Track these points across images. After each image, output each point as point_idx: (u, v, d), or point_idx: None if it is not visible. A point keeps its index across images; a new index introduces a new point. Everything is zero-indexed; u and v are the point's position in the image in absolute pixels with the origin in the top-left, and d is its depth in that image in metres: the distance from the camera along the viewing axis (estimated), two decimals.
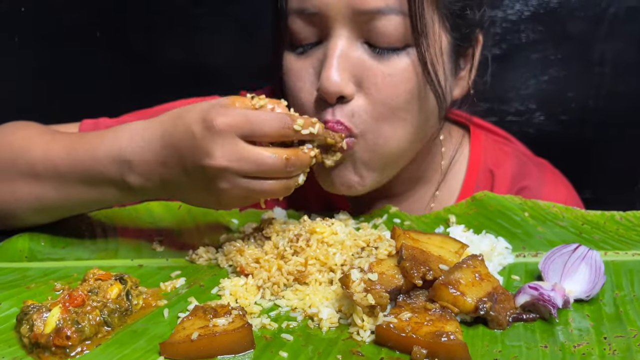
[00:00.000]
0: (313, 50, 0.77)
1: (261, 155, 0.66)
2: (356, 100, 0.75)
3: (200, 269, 0.75)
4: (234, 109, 0.66)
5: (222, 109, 0.66)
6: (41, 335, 0.57)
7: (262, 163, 0.66)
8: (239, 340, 0.57)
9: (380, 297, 0.59)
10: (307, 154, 0.69)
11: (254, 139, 0.66)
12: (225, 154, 0.65)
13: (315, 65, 0.77)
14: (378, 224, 0.84)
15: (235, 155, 0.65)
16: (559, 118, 1.37)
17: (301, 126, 0.68)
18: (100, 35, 1.31)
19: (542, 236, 0.78)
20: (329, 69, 0.73)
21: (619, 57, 1.31)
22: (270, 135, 0.67)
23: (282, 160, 0.67)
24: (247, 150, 0.66)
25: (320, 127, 0.71)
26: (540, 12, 1.30)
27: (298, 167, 0.69)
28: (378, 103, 0.74)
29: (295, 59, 0.79)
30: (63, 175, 0.75)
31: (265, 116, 0.67)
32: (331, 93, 0.73)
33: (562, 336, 0.58)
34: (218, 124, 0.65)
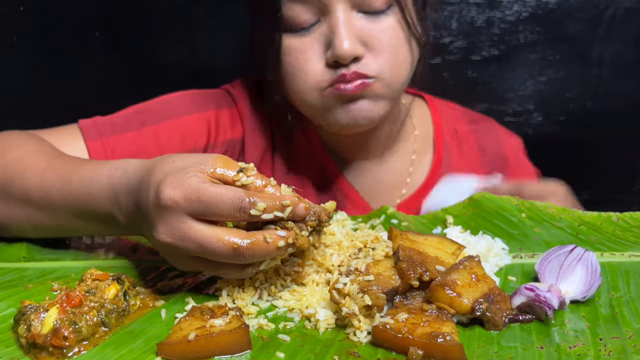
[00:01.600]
0: (314, 28, 0.88)
1: (204, 238, 0.59)
2: (366, 57, 0.87)
3: None
4: (189, 181, 0.60)
5: (179, 180, 0.60)
6: (38, 336, 0.57)
7: (204, 246, 0.59)
8: (236, 340, 0.57)
9: (377, 298, 0.60)
10: (271, 244, 0.60)
11: (205, 218, 0.60)
12: (167, 231, 0.61)
13: (319, 39, 0.88)
14: (376, 224, 0.84)
15: (177, 234, 0.60)
16: (557, 119, 1.37)
17: (261, 210, 0.60)
18: (99, 34, 1.31)
19: (538, 237, 0.78)
20: (340, 37, 0.84)
21: (616, 58, 1.31)
22: (222, 216, 0.60)
23: (229, 248, 0.59)
24: (192, 230, 0.60)
25: (303, 210, 0.62)
26: (538, 13, 1.30)
27: (252, 257, 0.60)
28: (384, 53, 0.88)
29: (297, 38, 0.89)
30: (57, 206, 0.75)
31: (220, 196, 0.59)
32: (347, 56, 0.84)
33: (558, 337, 0.58)
34: (164, 198, 0.59)
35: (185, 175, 0.60)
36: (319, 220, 0.64)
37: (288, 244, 0.62)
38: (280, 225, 0.62)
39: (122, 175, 0.69)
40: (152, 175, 0.63)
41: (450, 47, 1.34)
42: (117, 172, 0.70)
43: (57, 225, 0.78)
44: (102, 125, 0.95)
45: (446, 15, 1.32)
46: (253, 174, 0.63)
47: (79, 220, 0.75)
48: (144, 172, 0.66)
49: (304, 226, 0.63)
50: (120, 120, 0.97)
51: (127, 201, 0.68)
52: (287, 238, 0.61)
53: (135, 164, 0.69)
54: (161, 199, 0.60)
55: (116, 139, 0.95)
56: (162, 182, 0.61)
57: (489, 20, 1.32)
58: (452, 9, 1.32)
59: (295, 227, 0.62)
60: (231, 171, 0.62)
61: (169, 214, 0.60)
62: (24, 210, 0.78)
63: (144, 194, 0.64)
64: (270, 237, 0.60)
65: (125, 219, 0.70)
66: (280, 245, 0.61)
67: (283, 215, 0.61)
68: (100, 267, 0.69)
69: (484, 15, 1.32)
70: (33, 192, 0.76)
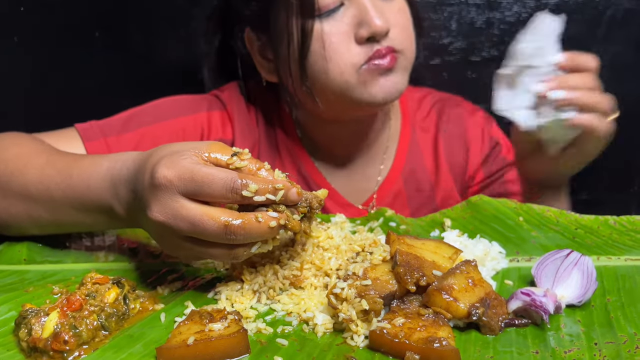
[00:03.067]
0: (339, 10, 0.91)
1: (197, 216, 0.60)
2: (391, 32, 0.93)
3: (197, 272, 0.76)
4: (184, 162, 0.61)
5: (173, 160, 0.61)
6: (39, 340, 0.58)
7: (196, 224, 0.60)
8: (235, 345, 0.58)
9: (374, 303, 0.60)
10: (263, 223, 0.61)
11: (199, 198, 0.61)
12: (160, 209, 0.61)
13: (347, 20, 0.91)
14: (374, 227, 0.84)
15: (170, 212, 0.61)
16: None
17: (253, 192, 0.60)
18: (99, 35, 1.31)
19: (535, 241, 0.78)
20: (374, 16, 0.89)
21: (615, 59, 1.31)
22: (215, 196, 0.61)
23: (220, 225, 0.59)
24: (184, 208, 0.60)
25: (295, 194, 0.62)
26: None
27: (243, 237, 0.61)
28: (402, 30, 0.95)
29: (325, 22, 0.92)
30: (56, 200, 0.76)
31: (212, 176, 0.60)
32: (383, 31, 0.90)
33: (553, 342, 0.59)
34: (159, 177, 0.61)
35: (180, 157, 0.62)
36: (310, 206, 0.64)
37: (280, 225, 0.62)
38: (272, 208, 0.62)
39: (121, 166, 0.70)
40: (149, 160, 0.64)
41: (449, 48, 1.34)
42: (117, 164, 0.71)
43: (56, 220, 0.78)
44: (99, 127, 0.97)
45: (446, 16, 1.32)
46: (247, 157, 0.63)
47: (78, 213, 0.76)
48: (141, 160, 0.67)
49: (295, 211, 0.64)
50: (117, 122, 0.99)
51: (125, 190, 0.69)
52: (278, 219, 0.62)
53: (134, 155, 0.70)
54: (155, 177, 0.61)
55: (114, 140, 0.97)
56: (157, 164, 0.62)
57: (488, 21, 1.32)
58: (452, 9, 1.32)
59: (287, 210, 0.63)
60: (225, 155, 0.63)
61: (162, 193, 0.61)
62: (24, 205, 0.78)
63: (140, 179, 0.65)
64: (262, 217, 0.61)
65: (124, 210, 0.70)
66: (272, 226, 0.61)
67: (275, 198, 0.61)
68: (100, 270, 0.70)
69: (484, 16, 1.32)
70: (32, 186, 0.77)
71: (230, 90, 1.10)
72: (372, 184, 1.11)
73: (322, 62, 0.92)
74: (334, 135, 1.07)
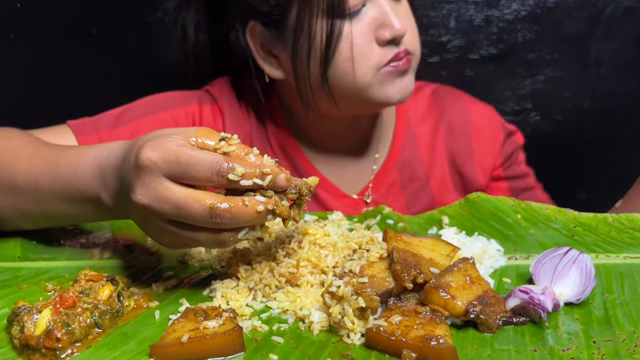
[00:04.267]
0: (361, 12, 0.93)
1: (181, 199, 0.59)
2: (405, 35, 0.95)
3: (192, 269, 0.75)
4: (169, 144, 0.60)
5: (158, 142, 0.60)
6: (31, 337, 0.57)
7: (180, 207, 0.59)
8: (229, 342, 0.57)
9: (370, 300, 0.60)
10: (250, 207, 0.59)
11: (183, 181, 0.60)
12: (144, 192, 0.60)
13: (369, 22, 0.93)
14: (371, 224, 0.84)
15: (154, 195, 0.60)
16: (554, 118, 1.37)
17: (239, 176, 0.59)
18: (96, 32, 1.30)
19: (534, 238, 0.78)
20: (394, 19, 0.92)
21: (615, 57, 1.31)
22: (200, 179, 0.59)
23: (206, 208, 0.58)
24: (168, 190, 0.59)
25: (284, 180, 0.61)
26: (536, 12, 1.30)
27: (229, 220, 0.59)
28: (412, 32, 0.98)
29: (349, 24, 0.92)
30: (43, 191, 0.75)
31: (197, 159, 0.59)
32: (403, 34, 0.93)
33: (551, 340, 0.58)
34: (143, 158, 0.60)
35: (166, 139, 0.61)
36: (299, 193, 0.63)
37: (268, 210, 0.60)
38: (260, 194, 0.61)
39: (108, 154, 0.69)
40: (135, 144, 0.64)
41: (448, 46, 1.34)
42: (104, 152, 0.70)
43: (44, 212, 0.77)
44: (91, 123, 0.98)
45: (444, 14, 1.32)
46: (235, 142, 0.62)
47: (65, 204, 0.74)
48: (128, 146, 0.66)
49: (284, 197, 0.62)
50: (109, 118, 0.99)
51: (112, 178, 0.68)
52: (266, 204, 0.60)
53: (122, 143, 0.69)
54: (139, 159, 0.60)
55: (107, 134, 0.97)
56: (142, 146, 0.61)
57: (487, 19, 1.31)
58: (451, 7, 1.31)
59: (275, 196, 0.61)
60: (213, 140, 0.62)
61: (146, 174, 0.60)
62: (11, 198, 0.78)
63: (126, 164, 0.64)
64: (249, 201, 0.60)
65: (111, 200, 0.69)
66: (259, 210, 0.60)
67: (263, 183, 0.60)
68: (94, 268, 0.70)
69: (483, 14, 1.31)
70: (20, 178, 0.76)
71: (221, 85, 1.11)
72: (367, 174, 1.12)
73: (345, 63, 0.92)
74: (329, 130, 1.08)
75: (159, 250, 0.80)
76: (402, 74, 0.96)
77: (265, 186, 0.60)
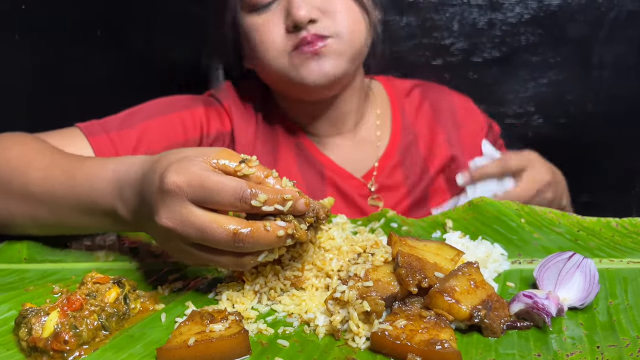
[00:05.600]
0: (271, 5, 1.00)
1: (205, 223, 0.60)
2: (322, 21, 0.98)
3: (198, 272, 0.75)
4: (193, 168, 0.61)
5: (182, 167, 0.61)
6: (39, 340, 0.58)
7: (204, 231, 0.60)
8: (235, 346, 0.57)
9: (375, 304, 0.60)
10: (271, 232, 0.61)
11: (207, 206, 0.61)
12: (169, 215, 0.61)
13: (279, 13, 0.99)
14: (375, 227, 0.84)
15: (179, 218, 0.61)
16: (557, 121, 1.37)
17: (262, 202, 0.61)
18: (100, 33, 1.31)
19: (537, 243, 0.78)
20: (296, 4, 0.95)
21: (618, 60, 1.31)
22: (223, 205, 0.61)
23: (229, 233, 0.60)
24: (193, 215, 0.60)
25: (303, 205, 0.63)
26: (540, 15, 1.30)
27: (251, 245, 0.61)
28: (339, 14, 0.99)
29: (257, 17, 1.01)
30: (59, 200, 0.75)
31: (222, 184, 0.60)
32: (303, 19, 0.95)
33: (555, 345, 0.59)
34: (168, 182, 0.61)
35: (190, 162, 0.62)
36: (317, 217, 0.65)
37: (287, 235, 0.62)
38: (280, 218, 0.63)
39: (127, 169, 0.70)
40: (158, 165, 0.64)
41: (451, 49, 1.34)
42: (123, 167, 0.71)
43: (58, 221, 0.78)
44: (100, 125, 0.98)
45: (448, 17, 1.32)
46: (255, 165, 0.64)
47: (81, 215, 0.75)
48: (149, 164, 0.67)
49: (302, 221, 0.64)
50: (116, 120, 1.01)
51: (131, 194, 0.68)
52: (286, 228, 0.62)
53: (142, 159, 0.70)
54: (165, 183, 0.61)
55: (116, 134, 0.98)
56: (167, 169, 0.62)
57: (490, 22, 1.32)
58: (454, 10, 1.32)
59: (294, 220, 0.63)
60: (234, 162, 0.64)
61: (171, 199, 0.61)
62: (25, 206, 0.78)
63: (148, 183, 0.65)
64: (270, 226, 0.61)
65: (128, 214, 0.70)
66: (279, 235, 0.61)
67: (283, 208, 0.62)
68: (100, 270, 0.70)
69: (486, 17, 1.32)
70: (35, 186, 0.77)
71: (224, 88, 1.15)
72: (372, 158, 1.15)
73: (257, 52, 1.02)
74: (310, 114, 1.12)
75: (164, 253, 0.80)
76: (317, 58, 0.98)
77: (285, 212, 0.62)
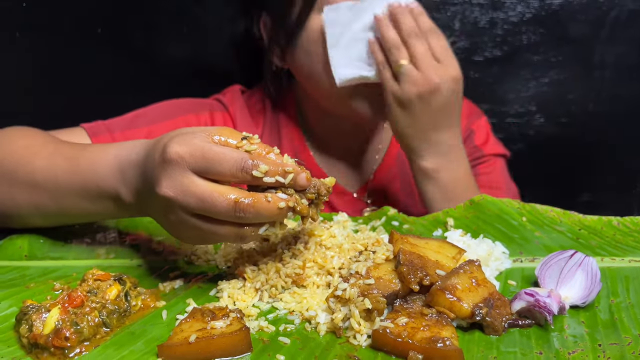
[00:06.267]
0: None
1: (206, 192, 0.60)
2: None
3: (198, 269, 0.75)
4: (195, 140, 0.62)
5: (185, 138, 0.62)
6: (40, 336, 0.57)
7: (205, 200, 0.60)
8: (237, 343, 0.57)
9: (377, 302, 0.60)
10: (272, 203, 0.61)
11: (208, 176, 0.61)
12: (170, 184, 0.61)
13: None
14: (376, 226, 0.84)
15: (180, 188, 0.61)
16: (558, 120, 1.37)
17: (263, 173, 0.61)
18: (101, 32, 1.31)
19: (539, 241, 0.78)
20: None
21: (619, 60, 1.31)
22: (224, 175, 0.61)
23: (230, 202, 0.60)
24: (194, 184, 0.61)
25: (304, 179, 0.63)
26: (541, 14, 1.30)
27: (252, 215, 0.61)
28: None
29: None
30: (62, 187, 0.75)
31: (223, 155, 0.61)
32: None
33: (557, 342, 0.59)
34: (170, 152, 0.61)
35: (192, 135, 0.62)
36: (318, 193, 0.65)
37: (288, 207, 0.62)
38: (281, 191, 0.63)
39: (129, 152, 0.70)
40: (159, 142, 0.65)
41: (452, 48, 1.34)
42: (125, 150, 0.71)
43: (61, 209, 0.78)
44: (105, 126, 1.00)
45: (449, 16, 1.32)
46: (257, 142, 0.64)
47: (84, 201, 0.75)
48: (151, 144, 0.67)
49: (303, 196, 0.64)
50: (122, 122, 1.01)
51: (134, 174, 0.69)
52: (287, 201, 0.62)
53: (142, 142, 0.71)
54: (167, 152, 0.61)
55: (121, 134, 0.99)
56: (169, 141, 0.62)
57: (492, 21, 1.32)
58: (455, 9, 1.32)
59: (296, 194, 0.63)
60: (235, 139, 0.64)
61: (173, 168, 0.61)
62: (29, 194, 0.78)
63: (150, 161, 0.65)
64: (271, 197, 0.61)
65: (131, 196, 0.70)
66: (280, 207, 0.61)
67: (284, 181, 0.62)
68: (101, 267, 0.70)
69: (487, 16, 1.32)
70: (39, 174, 0.77)
71: (231, 93, 1.14)
72: (367, 173, 1.14)
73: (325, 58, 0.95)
74: (334, 127, 1.10)
75: (165, 250, 0.80)
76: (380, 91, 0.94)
77: (286, 184, 0.62)
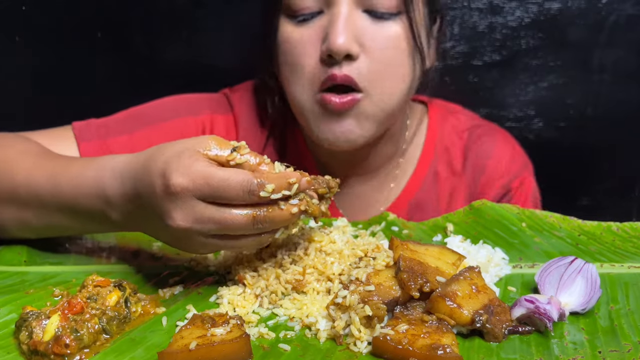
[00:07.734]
0: (314, 19, 0.86)
1: (223, 216, 0.61)
2: (360, 60, 0.84)
3: (198, 275, 0.75)
4: (195, 167, 0.61)
5: (184, 165, 0.61)
6: (40, 343, 0.57)
7: (224, 223, 0.62)
8: (237, 350, 0.57)
9: (377, 309, 0.60)
10: (285, 210, 0.63)
11: (215, 202, 0.62)
12: (182, 217, 0.62)
13: (318, 32, 0.85)
14: (376, 231, 0.84)
15: (194, 217, 0.61)
16: (557, 124, 1.37)
17: (269, 192, 0.61)
18: (101, 35, 1.31)
19: (539, 247, 0.78)
20: (336, 30, 0.81)
21: (618, 64, 1.31)
22: (233, 200, 0.61)
23: (249, 218, 0.62)
24: (208, 211, 0.61)
25: (306, 183, 0.64)
26: (540, 19, 1.30)
27: (270, 224, 0.63)
28: (380, 62, 0.84)
29: (296, 27, 0.87)
30: (46, 204, 0.75)
31: (228, 181, 0.60)
32: (341, 51, 0.81)
33: (557, 349, 0.59)
34: (174, 184, 0.61)
35: (189, 160, 0.62)
36: (328, 186, 0.68)
37: (301, 211, 0.64)
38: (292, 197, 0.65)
39: (110, 175, 0.69)
40: (152, 166, 0.64)
41: (451, 52, 1.34)
42: (106, 172, 0.70)
43: (47, 225, 0.77)
44: (95, 128, 0.95)
45: (448, 20, 1.32)
46: (246, 152, 0.65)
47: (69, 217, 0.75)
48: (138, 167, 0.66)
49: (312, 194, 0.66)
50: (114, 123, 0.97)
51: (123, 201, 0.68)
52: (299, 205, 0.64)
53: (122, 162, 0.69)
54: (170, 186, 0.61)
55: (109, 142, 0.95)
56: (166, 171, 0.62)
57: (491, 26, 1.32)
58: (454, 13, 1.32)
59: (305, 196, 0.65)
60: (225, 150, 0.64)
61: (181, 200, 0.61)
62: (13, 209, 0.77)
63: (145, 186, 0.64)
64: (284, 205, 0.63)
65: (120, 216, 0.70)
66: (294, 212, 0.63)
67: (291, 193, 0.63)
68: (101, 273, 0.70)
69: (486, 20, 1.32)
70: (21, 189, 0.76)
71: (243, 91, 1.06)
72: (377, 208, 1.05)
73: (286, 71, 0.89)
74: (337, 157, 1.00)
75: (165, 255, 0.80)
76: (341, 116, 0.85)
77: (292, 195, 0.64)
